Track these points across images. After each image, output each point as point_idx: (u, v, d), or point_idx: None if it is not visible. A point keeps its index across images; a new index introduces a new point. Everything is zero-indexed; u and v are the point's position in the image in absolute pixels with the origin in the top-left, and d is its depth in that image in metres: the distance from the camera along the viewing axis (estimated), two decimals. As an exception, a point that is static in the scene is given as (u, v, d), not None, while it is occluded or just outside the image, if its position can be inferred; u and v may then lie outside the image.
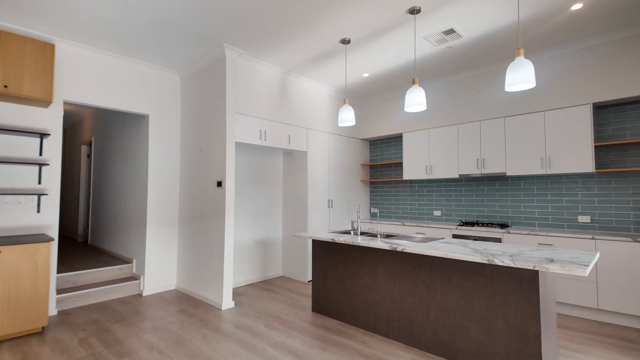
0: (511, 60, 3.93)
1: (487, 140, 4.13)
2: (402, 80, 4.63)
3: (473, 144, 4.25)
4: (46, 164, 3.30)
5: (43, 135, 3.30)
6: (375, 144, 5.75)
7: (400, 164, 5.33)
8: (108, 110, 5.54)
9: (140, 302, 3.75)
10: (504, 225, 3.96)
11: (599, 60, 3.42)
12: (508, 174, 3.95)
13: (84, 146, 6.60)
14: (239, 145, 4.43)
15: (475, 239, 3.98)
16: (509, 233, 3.71)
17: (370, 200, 5.76)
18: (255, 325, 3.09)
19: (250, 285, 4.43)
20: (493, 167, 4.07)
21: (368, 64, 4.05)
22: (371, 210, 5.73)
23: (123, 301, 3.79)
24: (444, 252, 2.29)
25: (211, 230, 3.75)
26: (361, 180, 5.57)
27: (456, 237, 4.11)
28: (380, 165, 5.57)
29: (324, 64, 4.07)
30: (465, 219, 4.58)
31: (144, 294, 4.01)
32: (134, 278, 4.19)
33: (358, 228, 3.28)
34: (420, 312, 2.60)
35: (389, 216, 5.47)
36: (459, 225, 4.18)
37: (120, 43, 3.52)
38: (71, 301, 3.62)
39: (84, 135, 6.67)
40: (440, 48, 3.62)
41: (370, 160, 5.80)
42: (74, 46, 3.54)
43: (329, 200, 4.95)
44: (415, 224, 4.52)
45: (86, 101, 3.65)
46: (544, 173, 3.69)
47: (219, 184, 3.66)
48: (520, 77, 2.25)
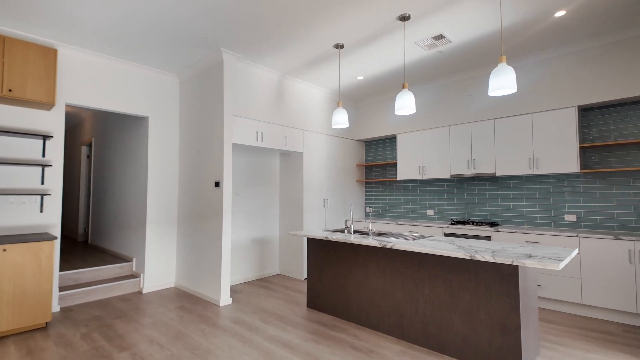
0: (497, 62, 4.04)
1: (478, 141, 4.25)
2: (396, 83, 4.75)
3: (464, 145, 4.37)
4: (49, 165, 3.41)
5: (46, 137, 3.41)
6: (370, 144, 5.87)
7: (395, 165, 5.45)
8: (108, 112, 5.64)
9: (140, 299, 3.85)
10: (493, 224, 4.08)
11: (584, 64, 3.55)
12: (497, 174, 4.08)
13: (84, 147, 6.70)
14: (237, 147, 4.54)
15: (465, 237, 4.10)
16: (498, 231, 3.84)
17: (366, 200, 5.88)
18: (252, 321, 3.20)
19: (248, 283, 4.55)
20: (483, 168, 4.19)
21: (362, 67, 4.17)
22: (366, 210, 5.84)
23: (123, 298, 3.90)
24: (430, 249, 2.41)
25: (209, 230, 3.86)
26: (356, 181, 5.69)
27: (447, 236, 4.24)
28: (375, 165, 5.69)
29: (319, 67, 4.19)
30: (457, 217, 4.70)
31: (144, 292, 4.12)
32: (134, 276, 4.30)
33: (351, 227, 3.40)
34: (409, 307, 2.72)
35: (384, 215, 5.59)
36: (450, 224, 4.30)
37: (120, 47, 3.63)
38: (73, 298, 3.72)
39: (84, 136, 6.77)
40: (431, 52, 3.74)
41: (365, 161, 5.92)
42: (75, 50, 3.65)
43: (324, 200, 5.06)
44: (408, 223, 4.64)
45: (88, 104, 3.76)
46: (532, 173, 3.81)
47: (217, 184, 3.77)
48: (502, 83, 2.37)
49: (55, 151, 3.53)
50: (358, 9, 2.86)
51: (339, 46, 3.55)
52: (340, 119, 3.54)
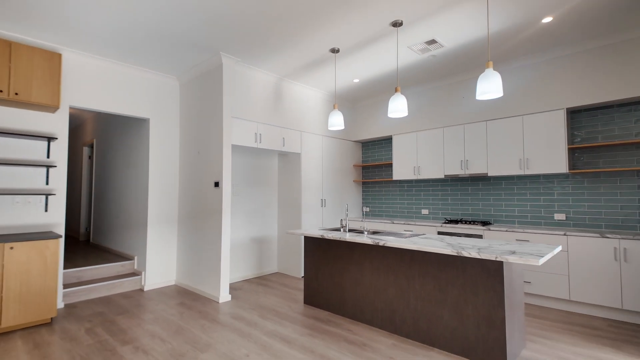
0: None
1: (471, 142, 4.36)
2: (391, 85, 4.86)
3: (457, 146, 4.48)
4: (54, 166, 3.51)
5: (50, 139, 3.51)
6: (367, 145, 5.98)
7: (391, 165, 5.56)
8: (110, 114, 5.74)
9: (142, 296, 3.96)
10: (486, 223, 4.19)
11: (572, 67, 3.66)
12: (490, 175, 4.19)
13: (85, 148, 6.81)
14: (236, 148, 4.65)
15: (459, 235, 4.20)
16: (490, 230, 3.95)
17: (363, 199, 5.99)
18: (250, 316, 3.31)
19: (247, 281, 4.66)
20: (476, 168, 4.30)
21: (358, 70, 4.28)
22: (363, 209, 5.95)
23: (125, 295, 4.00)
24: (419, 246, 2.52)
25: (209, 229, 3.97)
26: (354, 181, 5.80)
27: (441, 234, 4.34)
28: (372, 166, 5.80)
29: (316, 70, 4.29)
30: (451, 217, 4.81)
31: (145, 289, 4.22)
32: (135, 274, 4.41)
33: (346, 225, 3.50)
34: (401, 302, 2.83)
35: (380, 215, 5.70)
36: (444, 223, 4.41)
37: (122, 51, 3.73)
38: (76, 295, 3.83)
39: (85, 137, 6.87)
40: (424, 56, 3.85)
41: (362, 161, 6.03)
42: (79, 54, 3.75)
43: (322, 199, 5.17)
44: (404, 222, 4.75)
45: (91, 106, 3.86)
46: (523, 173, 3.92)
47: (216, 184, 3.88)
48: (489, 88, 2.48)
49: (60, 152, 3.64)
50: (352, 15, 2.97)
51: (334, 50, 3.66)
52: (336, 121, 3.64)
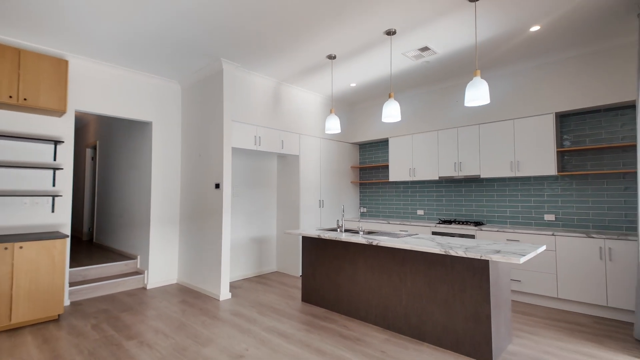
0: (483, 71, 4.28)
1: (464, 145, 4.49)
2: (387, 89, 4.99)
3: (451, 149, 4.61)
4: (60, 168, 3.65)
5: (57, 142, 3.64)
6: (364, 147, 6.11)
7: (387, 167, 5.69)
8: (113, 117, 5.87)
9: (145, 294, 4.09)
10: (478, 223, 4.32)
11: (561, 73, 3.79)
12: (482, 177, 4.32)
13: (88, 149, 6.94)
14: (236, 150, 4.78)
15: (452, 235, 4.34)
16: (482, 230, 4.08)
17: (360, 200, 6.12)
18: (250, 313, 3.44)
19: (246, 280, 4.79)
20: (469, 170, 4.43)
21: (354, 75, 4.41)
22: (360, 210, 6.08)
23: (129, 293, 4.13)
24: (410, 245, 2.65)
25: (210, 229, 4.10)
26: (351, 182, 5.92)
27: (435, 234, 4.46)
28: (369, 167, 5.93)
29: (313, 75, 4.42)
30: (445, 217, 4.94)
31: (148, 287, 4.35)
32: (138, 273, 4.54)
33: (342, 226, 3.63)
34: (393, 299, 2.96)
35: (377, 215, 5.83)
36: (438, 223, 4.54)
37: (127, 57, 3.86)
38: (82, 293, 3.96)
39: (88, 139, 7.00)
40: (418, 62, 3.98)
41: (359, 163, 6.16)
42: (85, 61, 3.89)
43: (320, 200, 5.30)
44: (399, 223, 4.88)
45: (96, 110, 3.99)
46: (514, 175, 4.05)
47: (217, 186, 4.01)
48: (476, 95, 2.61)
49: (66, 155, 3.77)
50: (347, 25, 3.10)
51: (331, 57, 3.79)
52: (333, 125, 3.77)
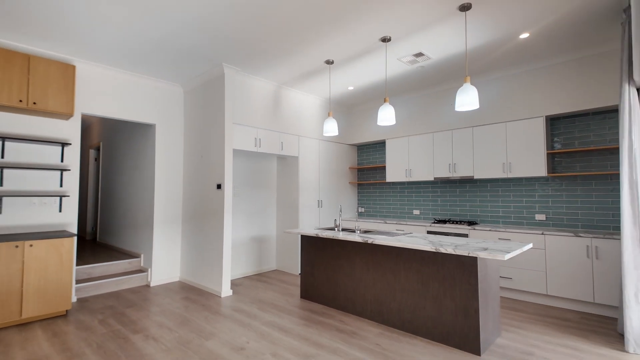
0: (476, 76, 4.42)
1: (458, 147, 4.63)
2: (384, 92, 5.13)
3: (446, 150, 4.74)
4: (67, 170, 3.78)
5: (64, 144, 3.77)
6: (362, 148, 6.24)
7: (384, 168, 5.82)
8: (118, 119, 6.01)
9: (148, 292, 4.23)
10: (472, 223, 4.46)
11: (551, 78, 3.92)
12: (476, 177, 4.45)
13: (92, 150, 7.07)
14: (237, 152, 4.92)
15: (447, 234, 4.47)
16: (475, 229, 4.21)
17: (358, 200, 6.25)
18: (250, 309, 3.57)
19: (247, 278, 4.92)
20: (463, 171, 4.57)
21: (352, 79, 4.54)
22: (359, 210, 6.22)
23: (133, 291, 4.27)
24: (403, 243, 2.78)
25: (211, 228, 4.23)
26: (349, 182, 6.06)
27: (430, 233, 4.59)
28: (367, 168, 6.06)
29: (312, 79, 4.56)
30: (440, 217, 5.08)
31: (151, 285, 4.49)
32: (141, 271, 4.67)
33: (340, 225, 3.77)
34: (388, 295, 3.10)
35: (375, 215, 5.96)
36: (433, 222, 4.68)
37: (131, 62, 4.00)
38: (87, 290, 4.09)
39: (92, 140, 7.14)
40: (413, 67, 4.11)
41: (357, 164, 6.29)
42: (91, 65, 4.02)
43: (319, 200, 5.43)
44: (396, 222, 5.02)
45: (101, 113, 4.13)
46: (506, 177, 4.18)
47: (219, 186, 4.14)
48: (466, 100, 2.74)
49: (73, 157, 3.90)
50: (344, 32, 3.23)
51: (329, 62, 3.93)
52: (330, 128, 3.91)
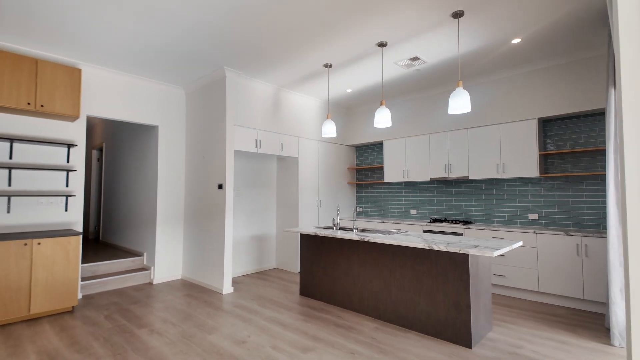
0: (470, 79, 4.53)
1: (454, 148, 4.74)
2: (383, 94, 5.24)
3: (442, 152, 4.86)
4: (73, 170, 3.89)
5: (70, 145, 3.89)
6: (360, 149, 6.36)
7: (382, 168, 5.94)
8: (122, 121, 6.12)
9: (152, 289, 4.34)
10: (467, 222, 4.57)
11: (543, 81, 4.04)
12: (471, 178, 4.56)
13: (94, 151, 7.18)
14: (237, 153, 5.03)
15: (442, 233, 4.57)
16: (469, 228, 4.33)
17: (357, 200, 6.37)
18: (251, 305, 3.69)
19: (247, 275, 5.04)
20: (458, 172, 4.68)
21: (350, 82, 4.65)
22: (357, 210, 6.33)
23: (136, 288, 4.38)
24: (397, 241, 2.90)
25: (213, 227, 4.35)
26: (348, 183, 6.17)
27: (426, 232, 4.71)
28: (365, 169, 6.18)
29: (311, 81, 4.67)
30: (436, 216, 5.19)
31: (154, 282, 4.60)
32: (144, 269, 4.78)
33: (337, 224, 3.88)
34: (384, 291, 3.21)
35: (372, 215, 6.08)
36: (429, 222, 4.79)
37: (135, 65, 4.11)
38: (92, 287, 4.20)
39: (95, 140, 7.25)
40: (409, 70, 4.23)
41: (356, 164, 6.40)
42: (96, 68, 4.13)
43: (318, 200, 5.55)
44: (393, 222, 5.13)
45: (106, 115, 4.24)
46: (500, 177, 4.30)
47: (220, 186, 4.25)
48: (459, 104, 2.86)
49: (78, 157, 4.01)
50: (342, 37, 3.34)
51: (327, 65, 4.04)
52: (329, 130, 4.02)
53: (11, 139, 3.52)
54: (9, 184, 3.56)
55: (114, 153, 6.33)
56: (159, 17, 3.00)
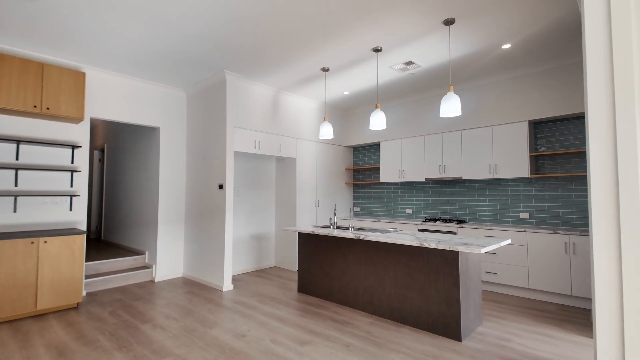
0: (463, 82, 4.66)
1: (448, 149, 4.87)
2: (378, 96, 5.37)
3: (436, 152, 4.99)
4: (78, 171, 4.01)
5: (74, 146, 4.00)
6: (357, 150, 6.48)
7: (379, 169, 6.06)
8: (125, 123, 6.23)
9: (154, 286, 4.45)
10: (460, 221, 4.70)
11: (533, 85, 4.17)
12: (464, 178, 4.69)
13: (96, 151, 7.29)
14: (237, 154, 5.15)
15: (436, 232, 4.70)
16: (463, 227, 4.46)
17: (354, 200, 6.49)
18: (250, 302, 3.81)
19: (247, 274, 5.16)
20: (452, 172, 4.81)
21: (347, 85, 4.78)
22: (354, 209, 6.46)
23: (139, 285, 4.49)
24: (391, 239, 3.02)
25: (213, 226, 4.47)
26: (345, 183, 6.30)
27: (421, 231, 4.84)
28: (362, 169, 6.30)
29: (309, 84, 4.80)
30: (431, 216, 5.32)
31: (156, 280, 4.72)
32: (146, 267, 4.90)
33: (334, 223, 4.00)
34: (378, 287, 3.34)
35: (369, 214, 6.20)
36: (424, 221, 4.92)
37: (138, 69, 4.22)
38: (96, 285, 4.32)
39: (96, 141, 7.35)
40: (404, 74, 4.35)
41: (353, 165, 6.53)
42: (99, 72, 4.24)
43: (316, 200, 5.67)
44: (389, 221, 5.26)
45: (109, 117, 4.35)
46: (492, 177, 4.43)
47: (220, 186, 4.37)
48: (450, 108, 2.98)
49: (82, 158, 4.13)
50: (338, 42, 3.47)
51: (325, 69, 4.16)
52: (326, 132, 4.14)
53: (18, 141, 3.63)
54: (16, 184, 3.67)
55: (115, 154, 6.44)
56: (161, 25, 3.11)
